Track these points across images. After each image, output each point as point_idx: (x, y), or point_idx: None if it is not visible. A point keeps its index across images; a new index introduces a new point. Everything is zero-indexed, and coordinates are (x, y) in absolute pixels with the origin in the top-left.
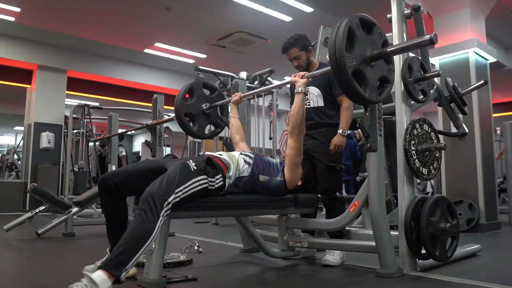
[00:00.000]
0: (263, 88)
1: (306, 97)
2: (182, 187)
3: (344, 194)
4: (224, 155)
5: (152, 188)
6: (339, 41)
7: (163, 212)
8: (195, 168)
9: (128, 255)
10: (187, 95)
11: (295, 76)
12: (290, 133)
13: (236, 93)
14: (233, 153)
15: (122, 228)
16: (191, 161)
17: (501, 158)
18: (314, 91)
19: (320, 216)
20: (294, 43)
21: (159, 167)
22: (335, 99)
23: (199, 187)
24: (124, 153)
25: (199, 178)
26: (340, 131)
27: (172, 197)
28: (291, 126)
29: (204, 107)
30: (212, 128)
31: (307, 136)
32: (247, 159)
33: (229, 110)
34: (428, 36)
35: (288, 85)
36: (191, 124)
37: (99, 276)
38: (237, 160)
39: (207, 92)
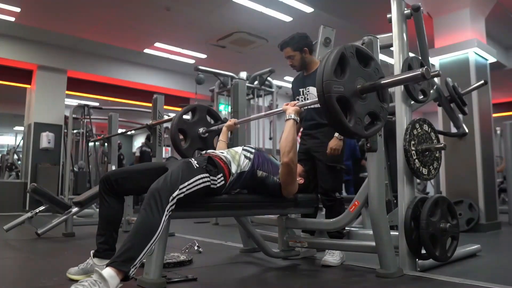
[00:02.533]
0: (261, 114)
1: (307, 97)
2: (186, 184)
3: (344, 194)
4: (225, 152)
5: (157, 185)
6: (328, 64)
7: (168, 207)
8: (197, 166)
9: (135, 250)
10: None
11: (287, 105)
12: (281, 162)
13: (231, 119)
14: (235, 149)
15: (114, 228)
16: (193, 159)
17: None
18: (314, 91)
19: (320, 215)
20: (289, 42)
21: (161, 168)
22: None
23: (202, 185)
24: (137, 154)
25: (202, 175)
26: (336, 134)
27: (176, 193)
28: (281, 153)
29: (201, 131)
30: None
31: (308, 135)
32: (248, 154)
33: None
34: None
35: (289, 86)
36: (182, 141)
37: (108, 272)
38: (239, 156)
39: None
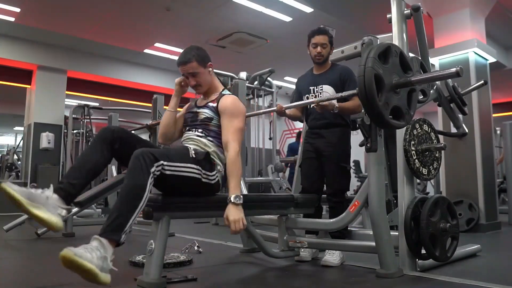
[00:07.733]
0: (302, 102)
1: (319, 95)
2: (175, 163)
3: None
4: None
5: (143, 149)
6: (375, 48)
7: (153, 169)
8: (193, 156)
9: (124, 216)
10: None
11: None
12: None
13: (278, 103)
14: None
15: (92, 178)
16: (191, 148)
17: (501, 163)
18: (329, 90)
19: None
20: (327, 32)
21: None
22: (347, 100)
23: (191, 174)
24: None
25: (193, 166)
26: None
27: (162, 162)
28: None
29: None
30: None
31: (317, 134)
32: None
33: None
34: (454, 69)
35: (289, 86)
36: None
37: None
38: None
39: None
